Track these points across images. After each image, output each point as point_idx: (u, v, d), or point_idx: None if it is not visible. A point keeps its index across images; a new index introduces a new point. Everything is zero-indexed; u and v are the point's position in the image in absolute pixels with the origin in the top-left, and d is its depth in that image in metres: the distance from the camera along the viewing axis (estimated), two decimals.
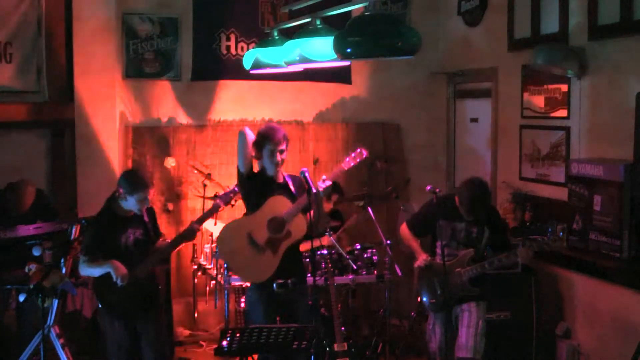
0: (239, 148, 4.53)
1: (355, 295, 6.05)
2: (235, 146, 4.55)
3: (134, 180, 4.52)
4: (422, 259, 4.84)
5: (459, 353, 4.67)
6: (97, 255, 4.50)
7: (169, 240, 4.80)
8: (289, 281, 4.51)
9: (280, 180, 4.63)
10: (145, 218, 4.64)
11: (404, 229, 5.04)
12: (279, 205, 4.51)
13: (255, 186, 4.56)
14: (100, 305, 4.67)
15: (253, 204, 4.57)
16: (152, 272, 4.67)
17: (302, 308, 4.60)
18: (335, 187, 5.97)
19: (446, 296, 4.63)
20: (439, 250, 4.75)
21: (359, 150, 4.60)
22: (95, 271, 4.53)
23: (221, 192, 5.21)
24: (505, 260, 4.67)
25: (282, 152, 4.52)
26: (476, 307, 4.73)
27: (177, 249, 4.97)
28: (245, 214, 4.72)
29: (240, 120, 6.82)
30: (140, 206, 4.54)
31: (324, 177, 4.51)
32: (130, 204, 4.52)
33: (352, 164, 4.58)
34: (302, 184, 4.49)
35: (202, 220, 4.81)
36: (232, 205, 5.34)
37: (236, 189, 4.84)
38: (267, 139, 4.50)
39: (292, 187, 4.60)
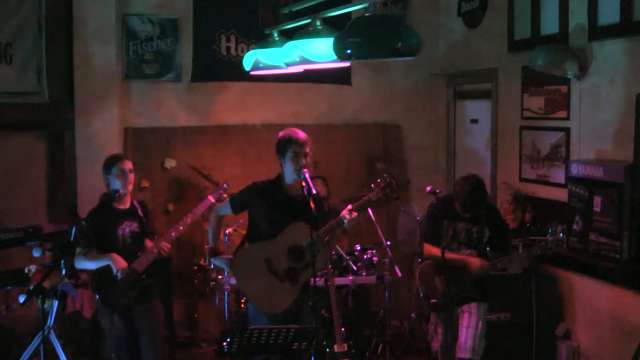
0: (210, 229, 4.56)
1: (355, 296, 6.05)
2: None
3: (108, 158, 4.74)
4: (479, 263, 4.66)
5: (458, 353, 4.68)
6: (93, 248, 4.56)
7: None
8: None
9: (298, 191, 4.35)
10: (140, 212, 4.72)
11: (428, 248, 4.82)
12: (300, 232, 4.24)
13: (270, 202, 4.35)
14: (97, 298, 4.68)
15: (271, 221, 4.33)
16: (149, 266, 4.68)
17: (307, 312, 4.53)
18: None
19: (446, 297, 4.63)
20: None
21: (385, 176, 4.35)
22: (89, 264, 4.58)
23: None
24: (507, 263, 4.68)
25: (306, 155, 4.28)
26: (477, 308, 4.74)
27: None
28: (249, 234, 4.47)
29: (240, 121, 6.83)
30: (122, 181, 4.62)
31: (349, 207, 4.26)
32: (116, 184, 4.61)
33: (380, 195, 4.30)
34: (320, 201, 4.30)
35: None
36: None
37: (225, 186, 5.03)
38: (290, 141, 4.29)
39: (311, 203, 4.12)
